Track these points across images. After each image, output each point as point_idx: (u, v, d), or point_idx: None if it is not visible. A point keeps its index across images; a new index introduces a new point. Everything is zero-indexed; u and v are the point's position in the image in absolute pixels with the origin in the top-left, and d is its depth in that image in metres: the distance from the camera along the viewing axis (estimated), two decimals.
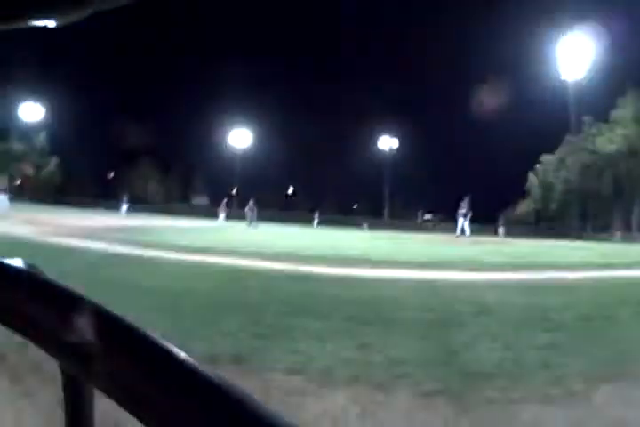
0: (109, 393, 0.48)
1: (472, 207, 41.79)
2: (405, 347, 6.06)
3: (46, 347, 0.55)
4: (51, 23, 0.52)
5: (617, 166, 65.30)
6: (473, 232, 43.32)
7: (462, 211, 41.03)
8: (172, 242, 18.73)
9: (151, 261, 12.74)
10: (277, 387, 4.71)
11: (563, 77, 75.79)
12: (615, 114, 67.47)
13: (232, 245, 19.55)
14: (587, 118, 72.33)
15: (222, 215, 56.78)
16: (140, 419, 0.44)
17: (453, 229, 43.23)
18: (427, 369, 5.33)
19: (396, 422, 4.21)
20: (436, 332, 6.85)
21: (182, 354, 0.47)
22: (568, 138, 75.33)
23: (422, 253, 21.25)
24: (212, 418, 0.40)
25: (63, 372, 0.57)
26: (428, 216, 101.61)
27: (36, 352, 0.59)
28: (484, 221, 71.61)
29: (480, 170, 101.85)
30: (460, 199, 41.63)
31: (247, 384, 4.64)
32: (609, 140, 66.03)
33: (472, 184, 78.05)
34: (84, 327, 0.51)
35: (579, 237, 60.55)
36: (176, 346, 0.48)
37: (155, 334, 0.49)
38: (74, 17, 0.51)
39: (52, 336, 0.54)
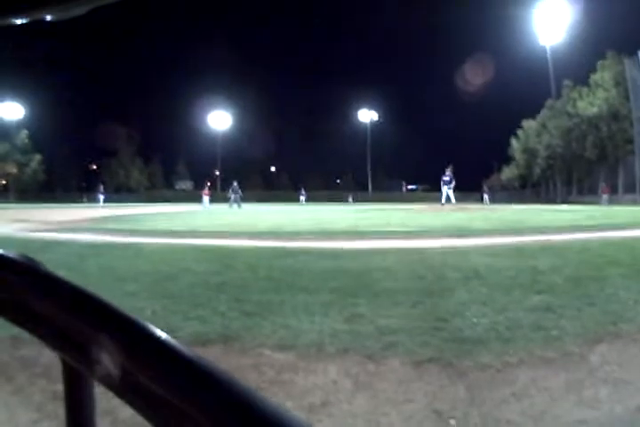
0: (110, 386, 0.48)
1: (456, 176, 41.94)
2: (395, 316, 5.99)
3: (47, 340, 0.56)
4: (51, 18, 0.51)
5: (599, 129, 65.45)
6: (459, 200, 43.54)
7: (446, 179, 41.19)
8: (153, 228, 18.66)
9: (134, 246, 12.58)
10: (268, 364, 4.64)
11: (541, 43, 75.84)
12: (595, 77, 67.48)
13: (216, 227, 19.44)
14: (567, 82, 72.54)
15: (206, 198, 56.54)
16: (141, 412, 0.44)
17: (438, 199, 43.35)
18: (418, 337, 5.27)
19: (390, 392, 4.12)
20: (425, 299, 6.76)
21: (184, 347, 0.46)
22: (549, 102, 75.58)
23: (409, 222, 21.22)
24: (213, 412, 0.39)
25: (64, 364, 0.56)
26: (411, 186, 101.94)
27: None
28: (469, 188, 72.07)
29: (463, 139, 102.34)
30: (444, 168, 41.71)
31: (238, 363, 4.62)
32: (590, 104, 66.10)
33: (455, 153, 78.51)
34: (84, 320, 0.52)
35: (565, 200, 61.01)
36: (167, 329, 0.49)
37: (156, 328, 0.49)
38: (73, 12, 0.50)
39: (52, 329, 0.55)
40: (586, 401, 3.82)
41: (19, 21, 0.53)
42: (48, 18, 0.52)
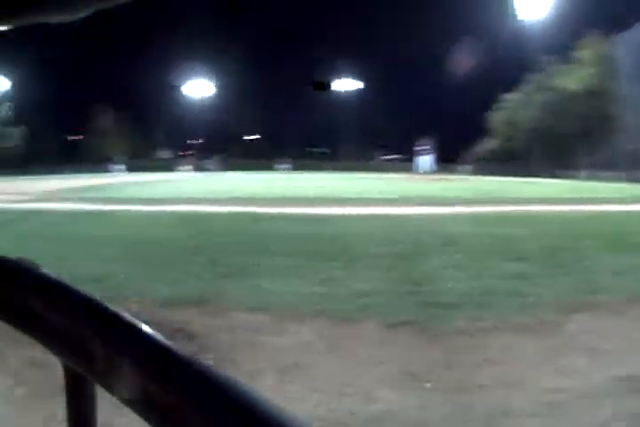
0: (112, 390, 0.47)
1: (435, 146, 42.25)
2: (370, 280, 6.00)
3: (48, 344, 0.55)
4: (52, 20, 0.51)
5: (580, 105, 65.68)
6: (436, 170, 43.85)
7: (425, 149, 41.53)
8: (132, 196, 18.68)
9: (115, 213, 12.61)
10: (242, 326, 4.61)
11: (520, 17, 75.40)
12: (578, 54, 67.65)
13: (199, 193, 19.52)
14: (546, 58, 72.20)
15: (187, 167, 56.30)
16: (143, 416, 0.42)
17: (413, 169, 43.62)
18: (392, 301, 5.27)
19: (364, 354, 4.10)
20: (401, 264, 6.79)
21: (185, 351, 0.44)
22: (530, 77, 75.40)
23: (388, 190, 21.29)
24: (216, 417, 0.38)
25: (66, 369, 0.54)
26: (387, 156, 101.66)
27: None
28: (446, 159, 71.90)
29: (439, 110, 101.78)
30: (421, 138, 42.00)
31: (213, 324, 4.57)
32: (575, 80, 66.25)
33: (432, 124, 78.02)
34: (86, 324, 0.51)
35: (545, 174, 61.24)
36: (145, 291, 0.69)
37: (157, 332, 0.47)
38: (76, 14, 0.50)
39: (54, 333, 0.54)
40: (562, 370, 3.79)
41: (21, 24, 0.52)
42: (51, 20, 0.51)
